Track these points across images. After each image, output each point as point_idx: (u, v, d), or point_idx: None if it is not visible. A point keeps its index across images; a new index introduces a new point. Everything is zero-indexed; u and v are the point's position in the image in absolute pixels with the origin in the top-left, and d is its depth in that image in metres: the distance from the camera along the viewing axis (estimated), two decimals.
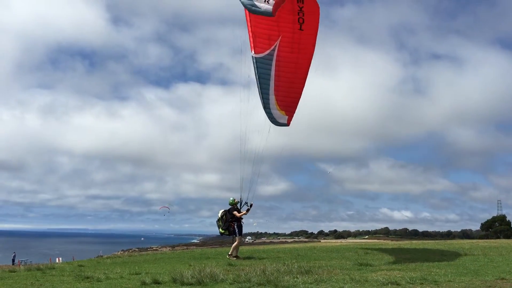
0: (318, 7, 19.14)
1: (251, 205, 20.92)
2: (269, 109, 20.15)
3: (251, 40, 19.51)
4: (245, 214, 21.11)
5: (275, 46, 19.42)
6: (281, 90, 20.03)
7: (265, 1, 14.86)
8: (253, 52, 19.47)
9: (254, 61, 19.53)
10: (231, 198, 21.37)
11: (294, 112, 20.62)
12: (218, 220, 21.37)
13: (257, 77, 19.74)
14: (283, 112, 20.36)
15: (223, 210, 21.37)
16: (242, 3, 15.07)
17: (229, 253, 21.42)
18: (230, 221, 21.11)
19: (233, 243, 21.62)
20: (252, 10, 15.02)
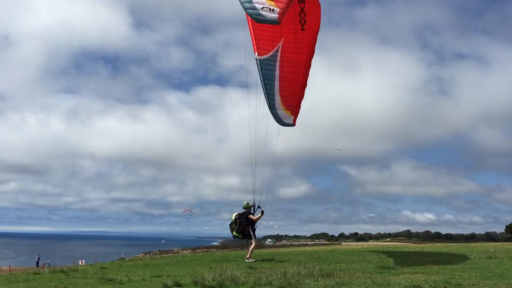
0: (319, 6, 19.19)
1: (262, 212, 20.86)
2: (275, 109, 20.24)
3: (254, 42, 19.55)
4: (259, 218, 21.07)
5: (278, 47, 19.46)
6: (286, 91, 20.11)
7: (270, 10, 14.57)
8: (256, 54, 19.47)
9: (258, 63, 19.58)
10: (245, 202, 21.30)
11: (298, 112, 20.74)
12: (232, 223, 21.33)
13: (261, 78, 19.83)
14: (289, 112, 20.48)
15: (236, 213, 21.32)
16: (248, 13, 14.97)
17: (247, 257, 21.41)
18: (245, 225, 21.06)
19: (248, 247, 21.64)
20: (258, 20, 14.78)
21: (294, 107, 20.54)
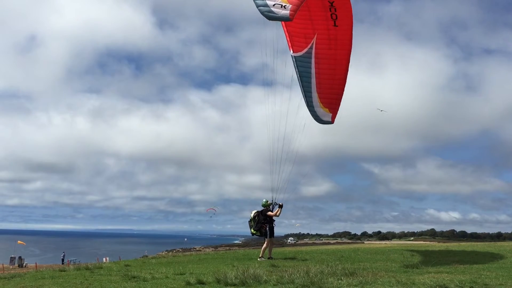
0: (349, 0, 18.75)
1: (281, 206, 20.74)
2: (313, 107, 19.98)
3: (288, 39, 19.41)
4: (277, 214, 20.92)
5: (312, 44, 19.27)
6: (323, 88, 19.80)
7: (281, 7, 14.35)
8: (291, 51, 19.34)
9: (294, 60, 19.39)
10: (264, 200, 21.24)
11: (337, 109, 20.34)
12: (250, 221, 21.34)
13: (298, 76, 19.62)
14: (327, 109, 20.15)
15: (255, 211, 21.31)
16: (259, 10, 14.57)
17: (269, 256, 21.37)
18: (263, 223, 20.99)
19: (267, 244, 21.41)
20: (269, 17, 14.44)
21: (332, 104, 20.20)
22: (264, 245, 21.40)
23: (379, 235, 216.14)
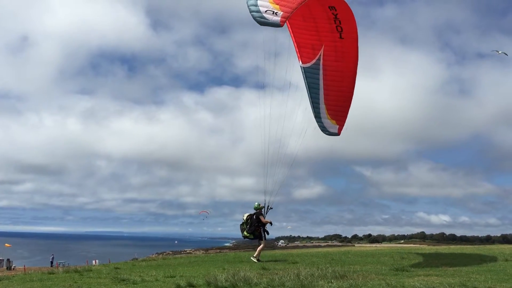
0: (352, 13, 18.98)
1: (271, 223, 21.08)
2: (320, 118, 20.15)
3: (297, 50, 19.58)
4: (269, 222, 21.15)
5: (320, 55, 19.48)
6: (331, 99, 20.02)
7: (273, 13, 14.73)
8: (300, 62, 19.52)
9: (303, 71, 19.59)
10: (256, 203, 21.39)
11: (344, 121, 20.50)
12: (242, 224, 21.45)
13: (307, 87, 19.81)
14: (334, 121, 20.33)
15: (248, 214, 21.42)
16: (252, 15, 14.91)
17: (254, 255, 21.51)
18: (257, 225, 21.11)
19: (258, 247, 21.58)
20: (261, 22, 14.79)
21: (339, 116, 20.39)
22: (261, 247, 21.49)
23: (369, 238, 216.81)
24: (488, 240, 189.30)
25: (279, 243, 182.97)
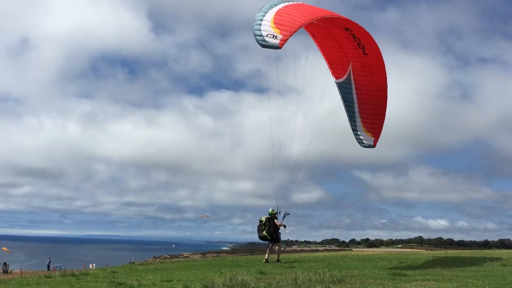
0: (368, 32, 19.79)
1: (285, 226, 22.70)
2: (357, 131, 21.31)
3: (330, 67, 20.85)
4: (283, 225, 22.69)
5: (349, 70, 20.59)
6: (366, 113, 21.06)
7: (273, 37, 16.07)
8: (334, 78, 20.85)
9: (338, 86, 20.87)
10: (270, 209, 22.64)
11: (379, 134, 21.46)
12: (261, 225, 22.81)
13: (343, 101, 21.06)
14: (370, 134, 21.35)
15: (265, 217, 22.80)
16: (256, 39, 16.30)
17: (276, 260, 23.53)
18: (275, 229, 22.64)
19: (271, 250, 23.47)
20: (262, 45, 16.12)
21: (374, 129, 21.32)
22: (278, 249, 23.88)
23: (367, 243, 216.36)
24: (485, 245, 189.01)
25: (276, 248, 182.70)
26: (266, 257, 23.39)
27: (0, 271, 70.13)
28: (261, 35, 16.19)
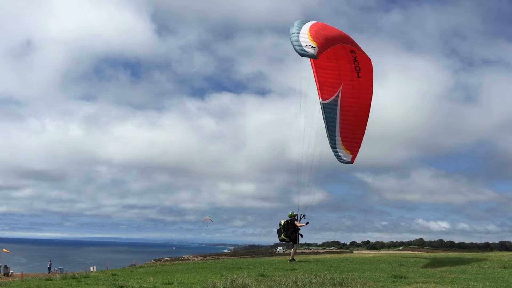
0: (369, 59, 21.49)
1: (307, 223, 24.29)
2: (336, 149, 23.00)
3: (318, 88, 22.32)
4: (304, 225, 24.33)
5: (338, 93, 22.15)
6: (346, 132, 22.72)
7: (311, 47, 18.00)
8: (321, 99, 22.29)
9: (322, 107, 22.31)
10: (290, 211, 24.42)
11: (357, 151, 23.31)
12: (280, 229, 24.36)
13: (325, 121, 22.53)
14: (348, 151, 23.17)
15: (284, 220, 24.35)
16: (295, 48, 18.19)
17: (291, 259, 25.26)
18: (293, 231, 24.18)
19: (293, 249, 25.69)
20: (301, 54, 18.05)
21: (353, 147, 23.20)
22: (295, 248, 25.55)
23: (367, 245, 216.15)
24: (486, 247, 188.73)
25: (277, 250, 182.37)
26: (291, 257, 25.48)
27: (1, 274, 70.14)
28: (300, 45, 18.10)
